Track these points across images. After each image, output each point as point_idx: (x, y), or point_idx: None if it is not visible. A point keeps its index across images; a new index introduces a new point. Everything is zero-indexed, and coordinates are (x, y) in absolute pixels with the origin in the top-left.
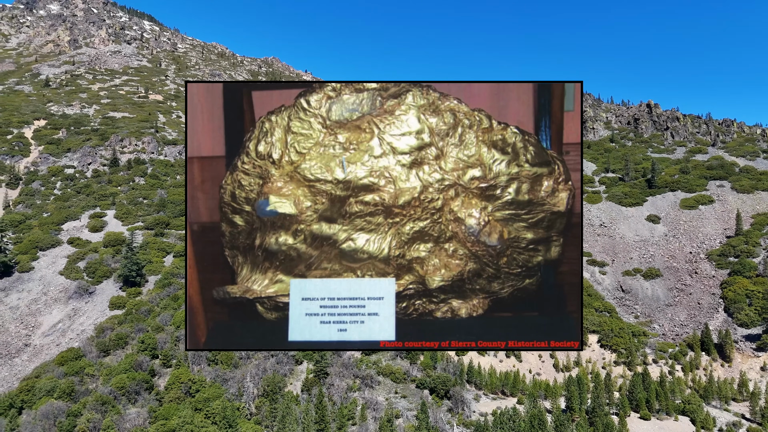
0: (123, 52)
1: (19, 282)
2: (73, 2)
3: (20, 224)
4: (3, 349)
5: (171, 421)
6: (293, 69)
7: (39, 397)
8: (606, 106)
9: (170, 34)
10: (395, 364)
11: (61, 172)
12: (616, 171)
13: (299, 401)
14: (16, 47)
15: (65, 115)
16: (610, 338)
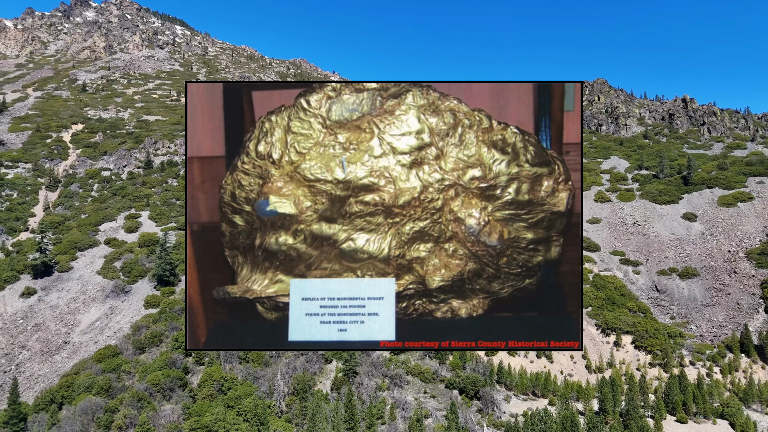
0: (156, 56)
1: (58, 281)
2: (108, 9)
3: (59, 225)
4: (44, 347)
5: (204, 418)
6: (321, 70)
7: (78, 393)
8: (639, 102)
9: (201, 38)
10: (424, 364)
11: (97, 174)
12: (650, 168)
13: (329, 400)
14: (54, 54)
15: (101, 119)
16: (644, 339)
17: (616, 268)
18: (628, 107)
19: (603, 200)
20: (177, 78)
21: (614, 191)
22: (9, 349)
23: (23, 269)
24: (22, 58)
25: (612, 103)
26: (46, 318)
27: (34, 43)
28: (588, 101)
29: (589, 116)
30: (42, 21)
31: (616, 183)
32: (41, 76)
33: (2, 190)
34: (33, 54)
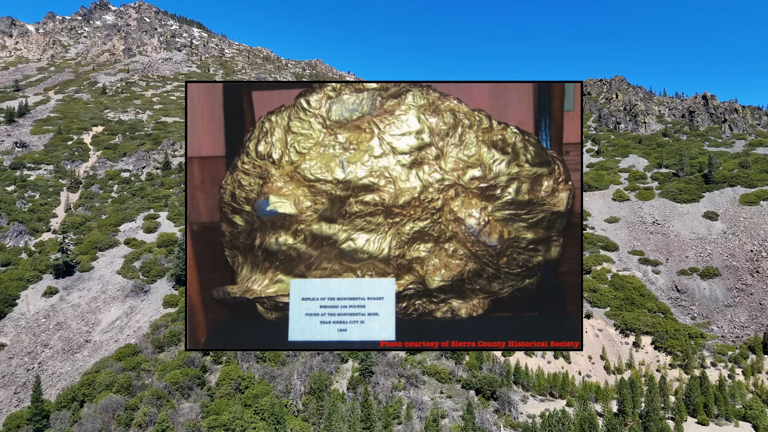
0: (174, 58)
1: (80, 281)
2: (127, 13)
3: (80, 226)
4: (65, 345)
5: (222, 416)
6: (336, 70)
7: (99, 390)
8: (658, 99)
9: (218, 40)
10: (440, 364)
11: (117, 175)
12: (669, 166)
13: (345, 399)
14: (74, 57)
15: (121, 121)
16: (664, 340)
17: (635, 268)
18: (647, 105)
19: (621, 199)
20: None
21: (633, 190)
22: (32, 347)
23: (45, 269)
24: (44, 61)
25: (630, 101)
26: (67, 317)
27: (55, 46)
28: (606, 99)
29: (607, 114)
30: (63, 25)
31: (634, 182)
32: (62, 79)
33: (25, 191)
34: (54, 57)
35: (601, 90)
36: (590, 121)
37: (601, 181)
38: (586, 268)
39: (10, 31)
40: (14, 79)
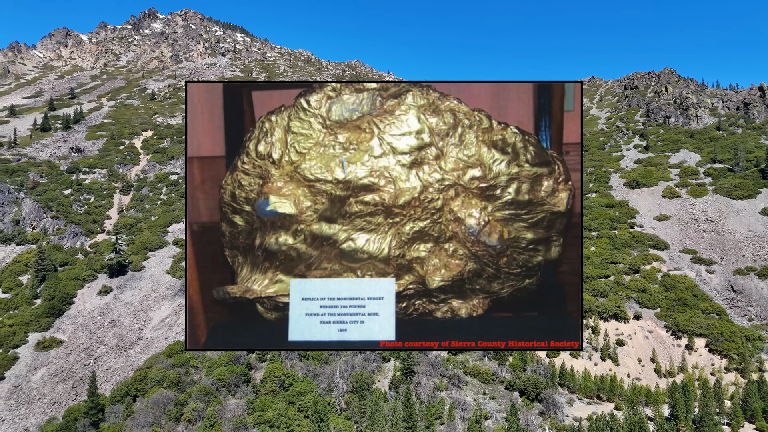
0: (218, 63)
1: (132, 280)
2: (174, 20)
3: (132, 227)
4: (119, 342)
5: (267, 413)
6: (376, 71)
7: (150, 386)
8: (711, 91)
9: (260, 44)
10: (483, 365)
11: (166, 178)
12: (724, 161)
13: (387, 398)
14: (125, 65)
15: (169, 126)
16: (719, 342)
17: (688, 268)
18: (698, 97)
19: (672, 196)
20: None
21: (684, 186)
22: (88, 344)
23: (100, 269)
24: (97, 69)
25: (681, 94)
26: (121, 315)
27: (107, 55)
28: (654, 92)
29: (656, 108)
30: (114, 34)
31: (686, 177)
32: (114, 86)
33: (81, 194)
34: (106, 65)
35: (649, 83)
36: (638, 116)
37: (650, 177)
38: (634, 267)
39: (66, 41)
40: (70, 87)
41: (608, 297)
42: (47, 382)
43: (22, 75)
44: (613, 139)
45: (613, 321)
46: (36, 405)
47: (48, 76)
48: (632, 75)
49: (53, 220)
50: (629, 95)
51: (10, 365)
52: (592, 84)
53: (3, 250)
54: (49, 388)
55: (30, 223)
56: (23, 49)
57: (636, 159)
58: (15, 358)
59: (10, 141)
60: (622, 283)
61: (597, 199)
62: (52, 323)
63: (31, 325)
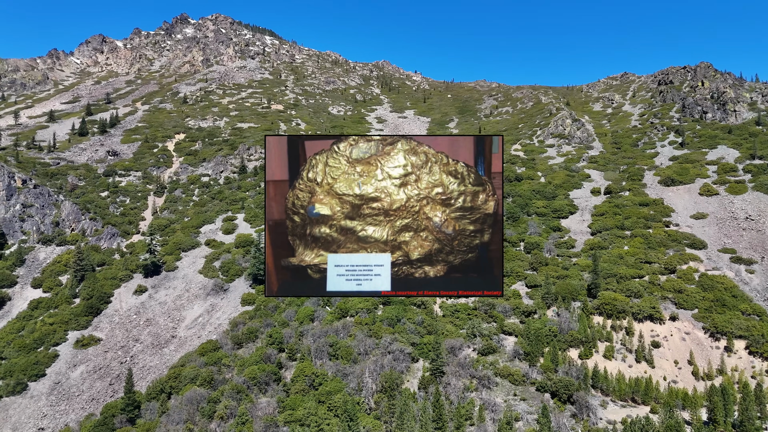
0: (248, 66)
1: (166, 280)
2: (204, 25)
3: (166, 228)
4: (154, 340)
5: (297, 412)
6: (403, 71)
7: (184, 384)
8: (750, 85)
9: (289, 46)
10: (513, 366)
11: (198, 180)
12: (764, 157)
13: (416, 399)
14: (158, 69)
15: (200, 128)
16: (760, 344)
17: (726, 267)
18: (737, 92)
19: (709, 194)
20: (267, 86)
21: (722, 183)
22: (125, 342)
23: (135, 269)
24: (131, 74)
25: (718, 88)
26: (155, 314)
27: (141, 60)
28: (690, 87)
29: (692, 103)
30: (147, 40)
31: (724, 174)
32: (148, 90)
33: (117, 196)
34: (140, 70)
35: (685, 78)
36: (673, 112)
37: (686, 174)
38: (670, 267)
39: (102, 47)
40: (106, 92)
41: (643, 297)
42: (86, 379)
43: (61, 81)
44: (646, 136)
45: (648, 322)
46: (75, 401)
47: (85, 82)
48: (667, 70)
49: (91, 221)
50: (664, 90)
51: (50, 362)
52: (625, 80)
53: (44, 250)
54: (88, 384)
55: (69, 225)
56: (61, 56)
57: (671, 156)
58: (55, 355)
59: (50, 145)
60: (658, 284)
61: (630, 198)
62: (91, 322)
63: (71, 324)
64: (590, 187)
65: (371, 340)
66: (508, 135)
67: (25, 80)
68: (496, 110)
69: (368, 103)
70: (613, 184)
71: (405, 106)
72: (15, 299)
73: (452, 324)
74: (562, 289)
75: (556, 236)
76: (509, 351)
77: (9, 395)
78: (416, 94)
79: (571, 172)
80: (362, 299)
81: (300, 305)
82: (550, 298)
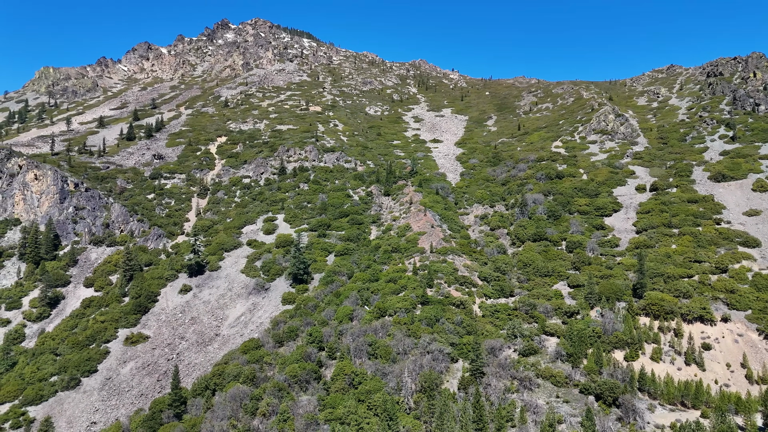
0: (286, 69)
1: (209, 279)
2: (244, 30)
3: (209, 229)
4: (199, 338)
5: (337, 410)
6: (440, 69)
7: (227, 381)
8: None
9: (326, 48)
10: (555, 367)
11: (239, 181)
12: None
13: (456, 399)
14: (201, 74)
15: (241, 131)
16: None
17: None
18: None
19: (763, 189)
20: (305, 88)
21: None
22: (171, 339)
23: (180, 268)
24: (175, 80)
25: None
26: (200, 312)
27: (184, 66)
28: (742, 78)
29: (744, 95)
30: (190, 46)
31: None
32: (191, 95)
33: (162, 198)
34: (184, 76)
35: (735, 69)
36: (723, 104)
37: (738, 170)
38: (721, 267)
39: (147, 54)
40: (151, 98)
41: (692, 298)
42: (135, 375)
43: (109, 88)
44: (695, 130)
45: (698, 323)
46: (125, 396)
47: (132, 88)
48: (716, 61)
49: (139, 223)
50: (713, 83)
51: (102, 359)
52: (671, 72)
53: (95, 251)
54: (137, 380)
55: (118, 226)
56: (109, 64)
57: (722, 150)
58: (106, 352)
59: (100, 150)
60: (708, 284)
61: (678, 194)
62: (139, 320)
63: (120, 322)
64: (635, 184)
65: (410, 339)
66: (548, 132)
67: (76, 88)
68: (535, 107)
69: (405, 102)
70: (660, 181)
71: (442, 105)
72: (69, 298)
73: (492, 324)
74: (606, 289)
75: (599, 235)
76: (551, 352)
77: (64, 390)
78: (453, 92)
79: (614, 168)
80: (400, 299)
81: (339, 304)
82: (593, 298)
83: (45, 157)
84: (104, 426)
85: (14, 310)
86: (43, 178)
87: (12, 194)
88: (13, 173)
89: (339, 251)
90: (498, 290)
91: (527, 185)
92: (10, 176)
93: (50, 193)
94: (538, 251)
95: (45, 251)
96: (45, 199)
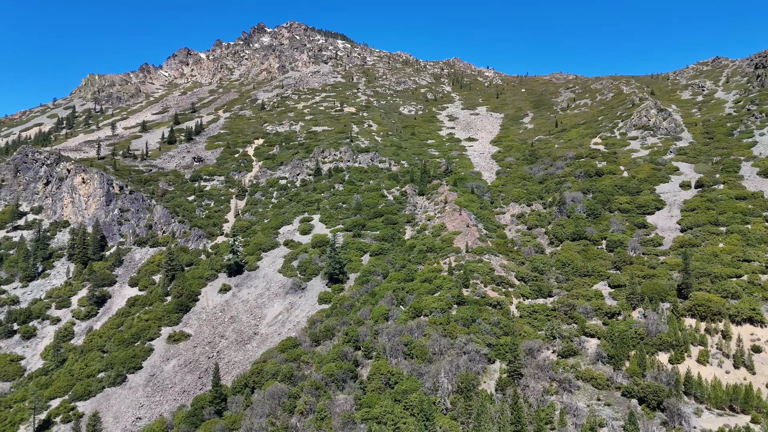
0: (321, 71)
1: (248, 279)
2: (280, 33)
3: (247, 229)
4: (238, 336)
5: (374, 410)
6: (474, 67)
7: (266, 379)
8: None
9: (360, 49)
10: (596, 369)
11: (276, 183)
12: None
13: (493, 400)
14: (238, 78)
15: (278, 133)
16: None
17: None
18: None
19: None
20: (339, 90)
21: None
22: (211, 338)
23: (220, 268)
24: (214, 84)
25: None
26: (239, 311)
27: (222, 70)
28: None
29: None
30: (228, 50)
31: None
32: (229, 98)
33: (202, 200)
34: (222, 80)
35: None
36: None
37: None
38: None
39: (187, 60)
40: (191, 102)
41: (741, 299)
42: (177, 372)
43: (151, 93)
44: (743, 124)
45: (747, 325)
46: (168, 393)
47: (172, 93)
48: (764, 52)
49: (180, 224)
50: (762, 75)
51: (146, 356)
52: (717, 65)
53: (139, 251)
54: (180, 377)
55: (161, 228)
56: (151, 70)
57: None
58: (150, 349)
59: (143, 153)
60: (758, 283)
61: (726, 191)
62: (181, 318)
63: (163, 320)
64: (679, 180)
65: (446, 339)
66: (586, 128)
67: (120, 94)
68: (573, 103)
69: (439, 101)
70: (705, 177)
71: (477, 103)
72: (114, 297)
73: (530, 325)
74: (648, 290)
75: (641, 233)
76: (591, 354)
77: (110, 386)
78: (488, 89)
79: (657, 165)
80: (435, 299)
81: (374, 304)
82: (635, 298)
83: (91, 161)
84: (149, 421)
85: (64, 308)
86: (90, 181)
87: (61, 197)
88: (62, 177)
89: (374, 251)
90: (536, 290)
91: (565, 183)
92: (59, 180)
93: (97, 196)
94: (577, 251)
95: (92, 252)
96: (92, 202)
